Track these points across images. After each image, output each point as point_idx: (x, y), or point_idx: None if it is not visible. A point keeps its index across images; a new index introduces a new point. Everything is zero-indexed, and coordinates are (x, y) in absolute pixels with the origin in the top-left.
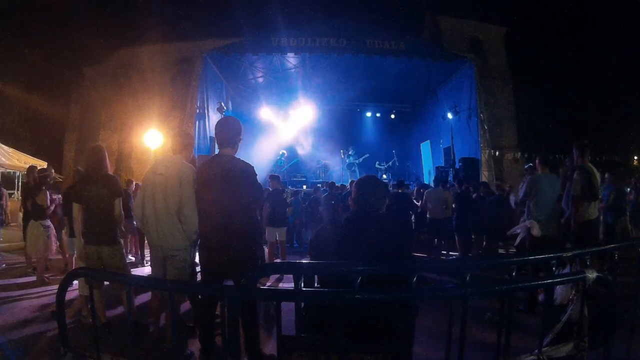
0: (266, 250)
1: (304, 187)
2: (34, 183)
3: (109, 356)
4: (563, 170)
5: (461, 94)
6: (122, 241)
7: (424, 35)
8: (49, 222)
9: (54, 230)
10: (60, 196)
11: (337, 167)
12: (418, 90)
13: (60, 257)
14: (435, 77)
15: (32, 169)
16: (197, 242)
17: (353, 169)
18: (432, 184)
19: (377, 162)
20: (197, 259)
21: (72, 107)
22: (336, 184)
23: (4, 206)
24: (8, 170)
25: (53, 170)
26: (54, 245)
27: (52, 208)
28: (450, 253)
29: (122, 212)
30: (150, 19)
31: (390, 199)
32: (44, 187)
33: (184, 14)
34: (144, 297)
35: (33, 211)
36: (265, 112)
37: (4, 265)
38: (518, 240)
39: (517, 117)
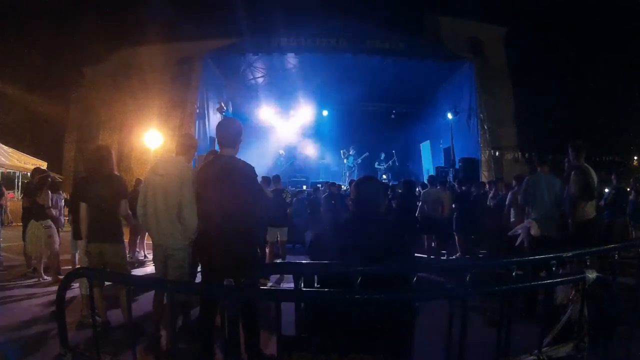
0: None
1: (304, 187)
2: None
3: (109, 356)
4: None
5: (461, 94)
6: (125, 241)
7: (424, 36)
8: (50, 223)
9: (56, 230)
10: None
11: (337, 167)
12: (418, 90)
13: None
14: (435, 78)
15: (37, 170)
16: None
17: (353, 169)
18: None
19: (377, 162)
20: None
21: (72, 107)
22: (337, 184)
23: (4, 206)
24: (8, 170)
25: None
26: (57, 245)
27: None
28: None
29: (130, 212)
30: (150, 19)
31: (395, 200)
32: (45, 188)
33: (184, 14)
34: (145, 304)
35: (34, 211)
36: (265, 113)
37: (4, 265)
38: (519, 241)
39: (517, 117)
